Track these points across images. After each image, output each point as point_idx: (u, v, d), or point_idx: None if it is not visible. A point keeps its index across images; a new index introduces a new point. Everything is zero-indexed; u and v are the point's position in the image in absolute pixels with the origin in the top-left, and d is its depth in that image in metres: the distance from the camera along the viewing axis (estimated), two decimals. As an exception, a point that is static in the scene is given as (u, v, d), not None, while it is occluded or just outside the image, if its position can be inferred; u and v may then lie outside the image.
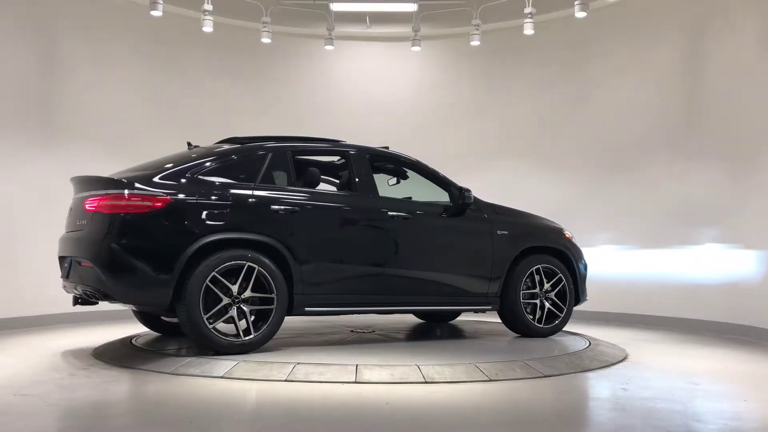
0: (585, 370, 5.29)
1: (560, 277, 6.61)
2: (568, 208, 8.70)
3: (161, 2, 8.48)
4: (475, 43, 9.48)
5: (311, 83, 10.25)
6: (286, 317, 5.57)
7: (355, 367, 4.89)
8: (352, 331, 6.92)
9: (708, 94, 8.21)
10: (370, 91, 10.30)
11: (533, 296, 6.54)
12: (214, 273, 5.18)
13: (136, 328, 6.77)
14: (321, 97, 10.21)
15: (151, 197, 5.17)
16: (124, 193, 5.18)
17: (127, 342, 6.08)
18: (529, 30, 8.92)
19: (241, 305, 5.31)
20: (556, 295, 6.62)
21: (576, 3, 8.50)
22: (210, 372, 4.92)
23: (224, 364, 5.00)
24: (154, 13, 8.51)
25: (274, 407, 4.15)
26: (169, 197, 5.21)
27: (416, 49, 9.84)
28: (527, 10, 8.86)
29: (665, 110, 8.66)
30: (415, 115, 10.20)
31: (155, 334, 6.53)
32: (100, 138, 8.65)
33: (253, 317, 5.42)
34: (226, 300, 5.26)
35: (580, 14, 8.55)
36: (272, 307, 5.39)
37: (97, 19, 8.75)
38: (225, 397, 4.34)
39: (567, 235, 6.86)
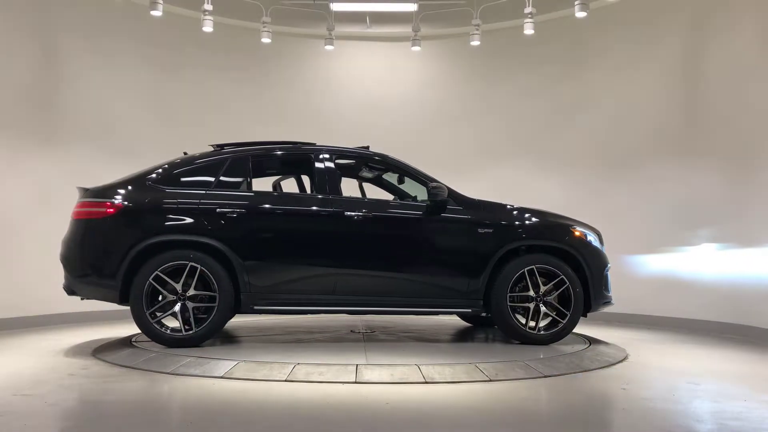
0: (585, 370, 5.29)
1: (562, 279, 6.05)
2: (568, 208, 8.67)
3: (161, 2, 8.48)
4: (475, 43, 9.48)
5: (311, 83, 10.25)
6: (286, 317, 5.62)
7: (355, 367, 4.89)
8: (352, 331, 6.93)
9: (708, 93, 8.21)
10: (370, 91, 10.30)
11: (528, 299, 6.03)
12: (157, 272, 5.64)
13: (136, 328, 6.76)
14: (321, 97, 10.21)
15: (105, 204, 5.81)
16: (86, 201, 5.90)
17: (127, 342, 6.08)
18: (529, 30, 8.92)
19: (186, 302, 5.68)
20: (559, 299, 6.11)
21: (576, 3, 8.50)
22: (210, 372, 4.93)
23: (224, 364, 5.01)
24: (154, 13, 8.51)
25: (274, 407, 4.15)
26: (121, 203, 5.80)
27: (416, 49, 9.84)
28: (527, 10, 8.86)
29: (665, 109, 8.66)
30: (415, 115, 10.20)
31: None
32: (100, 138, 8.65)
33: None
34: (170, 297, 5.68)
35: (580, 14, 8.55)
36: (215, 304, 5.71)
37: (97, 19, 8.75)
38: (225, 397, 4.34)
39: (577, 234, 6.23)
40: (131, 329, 6.80)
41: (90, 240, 5.84)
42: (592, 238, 6.34)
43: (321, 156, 6.18)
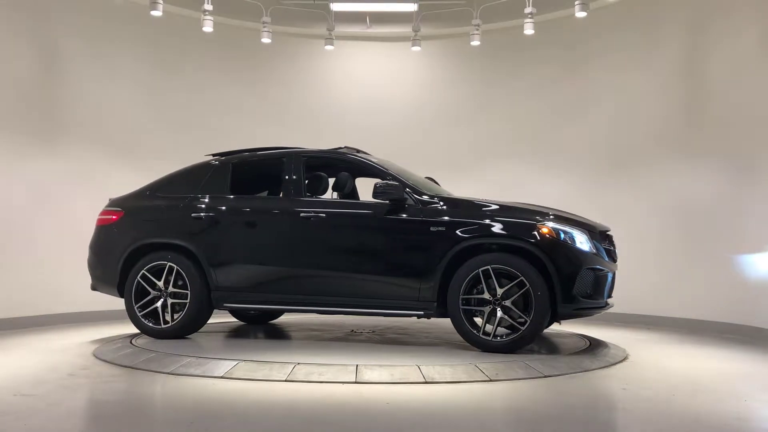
0: (585, 370, 5.29)
1: (521, 280, 5.50)
2: (568, 207, 8.69)
3: (161, 2, 8.48)
4: (475, 43, 9.48)
5: (311, 83, 10.25)
6: (291, 316, 5.56)
7: (355, 367, 4.89)
8: (352, 331, 6.93)
9: (708, 93, 8.21)
10: (370, 91, 10.30)
11: (484, 302, 5.61)
12: (143, 271, 6.30)
13: (136, 328, 6.77)
14: (321, 97, 10.21)
15: (111, 212, 6.67)
16: (103, 210, 6.76)
17: (127, 342, 6.09)
18: (529, 30, 8.92)
19: (167, 298, 6.27)
20: (525, 303, 5.58)
21: (576, 3, 8.49)
22: (210, 372, 4.93)
23: (224, 364, 5.01)
24: (154, 13, 8.51)
25: (274, 407, 4.15)
26: (122, 211, 6.59)
27: (416, 49, 9.84)
28: (527, 10, 8.86)
29: (665, 110, 8.65)
30: (415, 115, 10.20)
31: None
32: (100, 138, 8.66)
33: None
34: (153, 293, 6.30)
35: (580, 14, 8.54)
36: (183, 301, 6.24)
37: (97, 19, 8.75)
38: (225, 397, 4.34)
39: (544, 231, 5.58)
40: (131, 329, 6.82)
41: (101, 243, 6.67)
42: (570, 235, 5.65)
43: (287, 159, 6.37)
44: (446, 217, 5.76)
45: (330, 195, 6.53)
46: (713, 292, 7.92)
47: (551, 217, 5.81)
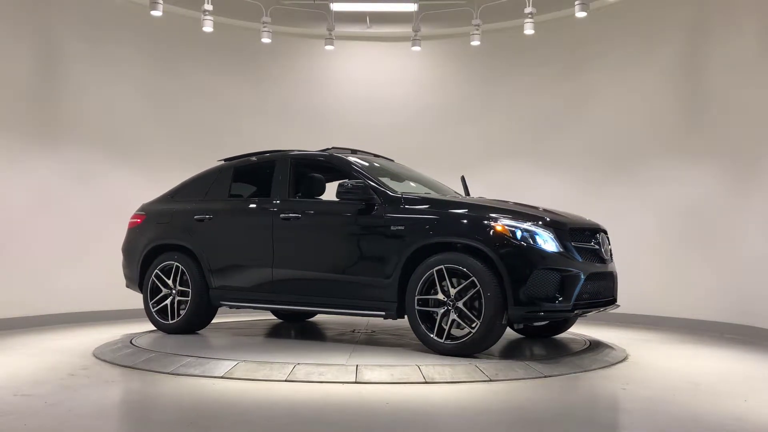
0: (585, 370, 5.29)
1: (473, 281, 5.24)
2: (568, 207, 8.68)
3: (161, 2, 8.47)
4: (476, 43, 9.48)
5: (311, 83, 10.25)
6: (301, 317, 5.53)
7: (355, 367, 4.89)
8: (353, 331, 6.94)
9: (708, 93, 8.21)
10: (370, 91, 10.30)
11: (439, 304, 5.41)
12: (156, 270, 6.76)
13: (136, 328, 6.78)
14: (321, 97, 10.21)
15: (137, 215, 7.17)
16: (134, 213, 7.22)
17: (127, 342, 6.09)
18: (529, 30, 8.92)
19: (175, 296, 6.65)
20: (479, 305, 5.28)
21: (576, 3, 8.49)
22: (210, 372, 4.93)
23: (224, 364, 5.01)
24: (154, 13, 8.51)
25: (274, 407, 4.15)
26: (144, 215, 7.10)
27: (416, 49, 9.83)
28: (527, 10, 8.86)
29: (666, 109, 8.65)
30: (415, 115, 10.20)
31: (155, 334, 6.58)
32: (100, 138, 8.66)
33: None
34: (165, 291, 6.70)
35: (580, 14, 8.54)
36: (188, 299, 6.59)
37: (97, 19, 8.75)
38: (225, 397, 4.34)
39: (498, 229, 5.27)
40: (131, 329, 6.84)
41: (127, 245, 7.17)
42: (532, 234, 5.30)
43: (276, 162, 6.51)
44: (406, 217, 5.64)
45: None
46: (713, 292, 7.92)
47: (512, 215, 5.46)
